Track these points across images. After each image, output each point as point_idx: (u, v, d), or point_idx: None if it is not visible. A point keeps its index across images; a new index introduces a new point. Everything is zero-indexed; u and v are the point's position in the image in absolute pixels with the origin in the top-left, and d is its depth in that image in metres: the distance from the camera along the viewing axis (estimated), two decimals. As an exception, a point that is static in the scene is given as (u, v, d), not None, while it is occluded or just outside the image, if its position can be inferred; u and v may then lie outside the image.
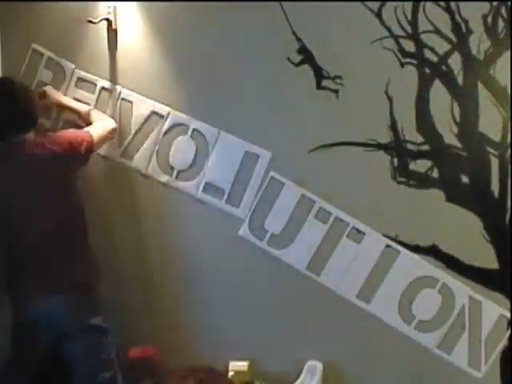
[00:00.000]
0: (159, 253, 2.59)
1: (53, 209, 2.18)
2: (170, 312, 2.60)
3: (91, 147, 2.31)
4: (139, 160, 2.57)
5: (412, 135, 2.39)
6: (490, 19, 2.31)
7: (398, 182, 2.42)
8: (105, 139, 2.45)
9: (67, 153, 2.21)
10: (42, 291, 2.15)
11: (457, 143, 2.38)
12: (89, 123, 2.46)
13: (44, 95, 2.51)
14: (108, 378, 2.20)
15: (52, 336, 2.17)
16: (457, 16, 2.32)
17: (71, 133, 2.30)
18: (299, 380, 2.47)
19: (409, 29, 2.36)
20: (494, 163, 2.36)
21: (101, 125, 2.43)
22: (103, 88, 2.58)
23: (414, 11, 2.35)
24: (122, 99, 2.56)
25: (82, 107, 2.53)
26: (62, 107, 2.56)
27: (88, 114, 2.50)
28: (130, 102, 2.56)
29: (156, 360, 2.49)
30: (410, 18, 2.35)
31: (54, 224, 2.18)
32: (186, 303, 2.59)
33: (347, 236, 2.45)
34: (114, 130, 2.49)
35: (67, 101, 2.55)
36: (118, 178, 2.59)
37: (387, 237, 2.43)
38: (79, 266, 2.21)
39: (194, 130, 2.52)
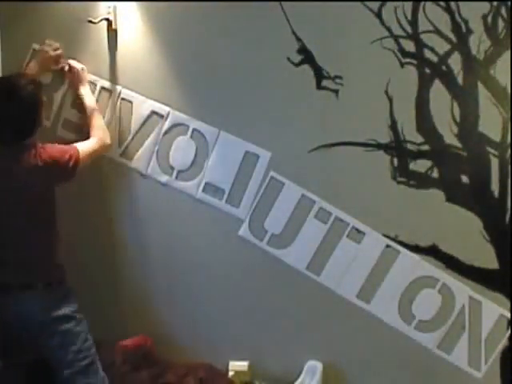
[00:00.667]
0: (159, 252, 2.59)
1: (25, 212, 2.20)
2: (169, 311, 2.60)
3: (77, 164, 2.30)
4: (139, 160, 2.57)
5: (412, 135, 2.40)
6: (489, 19, 2.31)
7: (398, 182, 2.42)
8: (92, 156, 2.41)
9: (49, 170, 2.21)
10: (9, 286, 2.18)
11: (457, 143, 2.38)
12: (88, 125, 2.46)
13: (70, 69, 2.51)
14: (84, 367, 2.20)
15: (26, 331, 2.19)
16: (457, 16, 2.32)
17: (59, 150, 2.27)
18: (299, 380, 2.47)
19: (409, 29, 2.36)
20: (494, 163, 2.36)
21: (92, 142, 2.41)
22: (103, 88, 2.57)
23: (414, 11, 2.35)
24: (122, 99, 2.56)
25: (89, 104, 2.50)
26: (76, 92, 2.54)
27: (92, 113, 2.48)
28: (130, 102, 2.55)
29: (151, 349, 2.48)
30: (410, 17, 2.35)
31: (25, 223, 2.20)
32: (185, 303, 2.59)
33: (347, 236, 2.45)
34: (105, 147, 2.47)
35: (84, 90, 2.52)
36: (118, 178, 2.59)
37: (387, 237, 2.43)
38: (47, 265, 2.23)
39: (194, 129, 2.52)
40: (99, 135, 2.44)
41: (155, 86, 2.52)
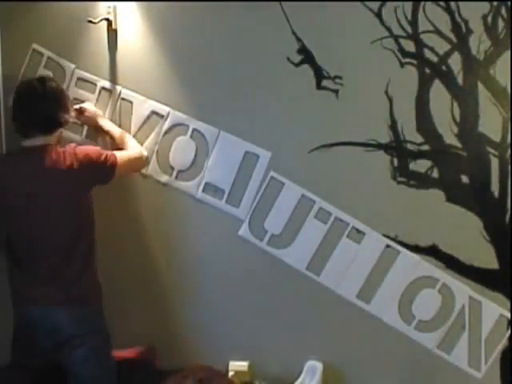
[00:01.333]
0: (159, 253, 2.59)
1: (62, 219, 2.16)
2: (169, 312, 2.60)
3: (114, 166, 2.26)
4: (139, 160, 2.57)
5: (412, 135, 2.40)
6: (489, 19, 2.31)
7: (398, 182, 2.42)
8: (131, 166, 2.41)
9: (84, 170, 2.17)
10: (46, 298, 2.14)
11: (457, 143, 2.38)
12: (121, 149, 2.43)
13: (82, 112, 2.49)
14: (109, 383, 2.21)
15: (52, 342, 2.15)
16: (457, 16, 2.32)
17: (94, 151, 2.24)
18: (299, 380, 2.47)
19: (409, 29, 2.36)
20: (494, 163, 2.36)
21: (129, 151, 2.40)
22: (103, 88, 2.57)
23: (414, 11, 2.35)
24: (122, 99, 2.56)
25: (115, 130, 2.49)
26: (97, 128, 2.52)
27: (121, 138, 2.47)
28: (130, 102, 2.55)
29: (153, 360, 2.48)
30: (410, 18, 2.35)
31: (63, 233, 2.16)
32: (185, 303, 2.59)
33: (347, 236, 2.45)
34: (143, 159, 2.45)
35: (104, 122, 2.51)
36: (118, 178, 2.58)
37: (387, 237, 2.43)
38: (88, 280, 2.20)
39: (194, 129, 2.52)
40: (133, 149, 2.43)
41: (155, 86, 2.52)
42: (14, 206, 2.15)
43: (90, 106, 2.52)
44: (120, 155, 2.32)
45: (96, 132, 2.56)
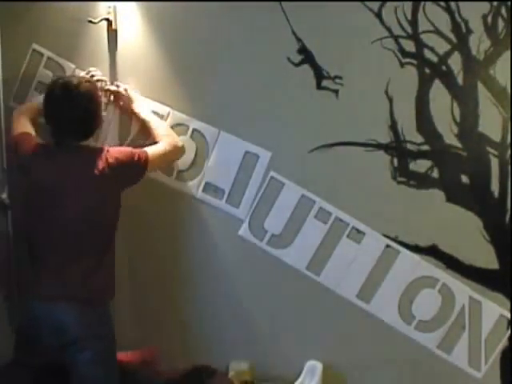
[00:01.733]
0: (159, 253, 2.59)
1: (90, 221, 2.16)
2: (169, 312, 2.60)
3: (146, 167, 2.26)
4: (139, 160, 2.57)
5: (412, 135, 2.40)
6: (489, 19, 2.31)
7: (398, 182, 2.42)
8: (164, 160, 2.41)
9: (115, 174, 2.16)
10: (56, 296, 2.13)
11: (457, 143, 2.38)
12: (154, 137, 2.42)
13: (119, 97, 2.47)
14: None
15: (57, 341, 2.14)
16: (457, 16, 2.33)
17: (126, 153, 2.23)
18: (299, 380, 2.47)
19: (409, 29, 2.36)
20: (494, 163, 2.36)
21: (162, 144, 2.37)
22: (103, 88, 2.58)
23: (414, 11, 2.35)
24: (122, 99, 2.56)
25: (150, 117, 2.46)
26: (134, 114, 2.49)
27: (156, 125, 2.44)
28: (130, 102, 2.55)
29: (155, 362, 2.47)
30: (409, 17, 2.35)
31: (87, 235, 2.16)
32: (185, 303, 2.59)
33: (347, 236, 2.45)
34: (177, 149, 2.44)
35: (140, 108, 2.47)
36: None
37: (387, 237, 2.43)
38: (99, 280, 2.18)
39: (194, 130, 2.52)
40: (168, 139, 2.40)
41: (155, 86, 2.52)
42: (42, 202, 2.14)
43: (124, 89, 2.47)
44: (152, 153, 2.30)
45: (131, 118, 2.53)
